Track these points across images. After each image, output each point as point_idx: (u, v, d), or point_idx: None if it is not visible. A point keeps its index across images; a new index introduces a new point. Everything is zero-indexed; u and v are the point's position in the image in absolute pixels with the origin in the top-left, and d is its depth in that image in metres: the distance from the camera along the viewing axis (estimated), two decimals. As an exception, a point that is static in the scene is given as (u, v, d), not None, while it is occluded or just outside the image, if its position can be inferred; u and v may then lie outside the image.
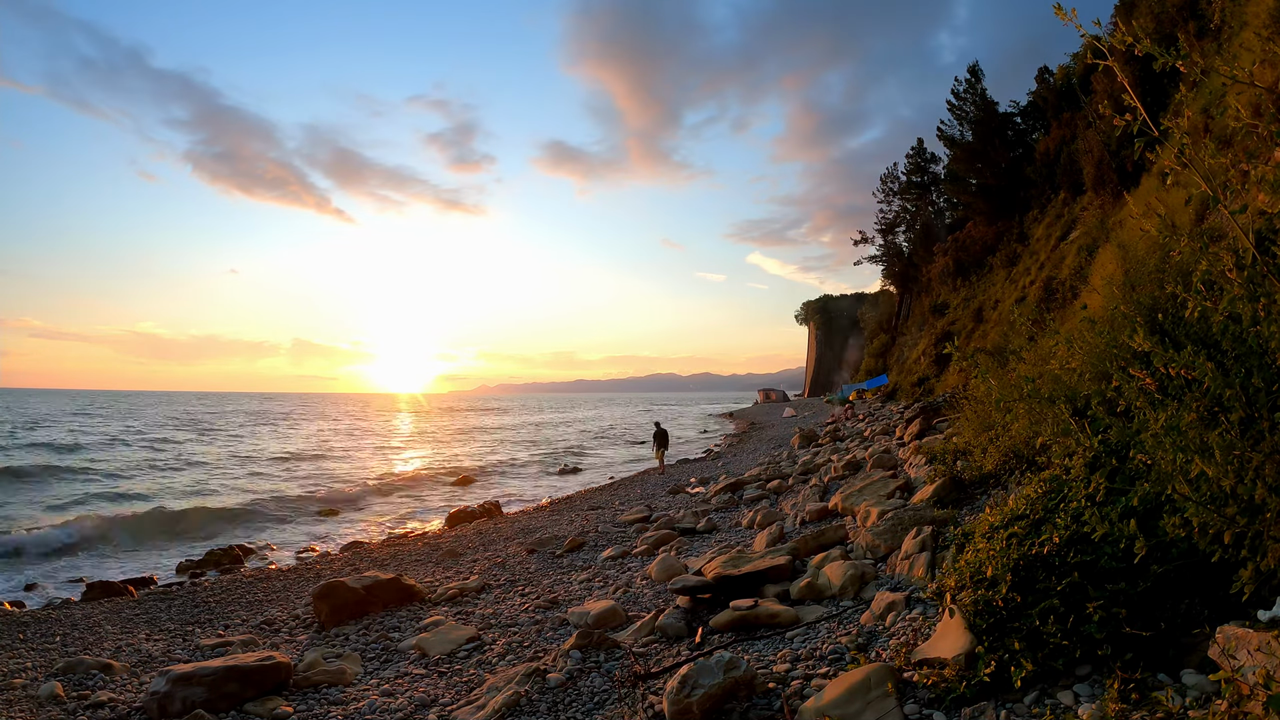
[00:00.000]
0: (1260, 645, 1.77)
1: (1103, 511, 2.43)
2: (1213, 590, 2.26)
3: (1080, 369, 3.45)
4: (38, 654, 5.73)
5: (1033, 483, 3.09)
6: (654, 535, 8.17)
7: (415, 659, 5.00)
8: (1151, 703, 2.02)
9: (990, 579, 2.62)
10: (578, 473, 21.77)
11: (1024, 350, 4.87)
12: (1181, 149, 1.91)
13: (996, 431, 5.31)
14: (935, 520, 4.85)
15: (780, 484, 10.68)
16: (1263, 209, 1.96)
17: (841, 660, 3.35)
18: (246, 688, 4.31)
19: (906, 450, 8.80)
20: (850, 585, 4.39)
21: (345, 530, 12.88)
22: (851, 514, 6.57)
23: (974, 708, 2.44)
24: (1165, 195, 6.97)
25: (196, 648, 5.78)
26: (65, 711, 4.38)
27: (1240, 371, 2.00)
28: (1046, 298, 15.42)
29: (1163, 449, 2.08)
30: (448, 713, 3.94)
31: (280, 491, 17.02)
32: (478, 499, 15.66)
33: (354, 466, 23.26)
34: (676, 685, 3.05)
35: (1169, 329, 2.76)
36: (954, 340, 3.55)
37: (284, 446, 30.16)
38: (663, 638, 4.43)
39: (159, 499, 15.59)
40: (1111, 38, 2.02)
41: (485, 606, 6.29)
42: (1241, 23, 11.19)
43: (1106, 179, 16.42)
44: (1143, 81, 13.42)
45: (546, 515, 12.22)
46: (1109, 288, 4.08)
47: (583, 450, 29.82)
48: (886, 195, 43.71)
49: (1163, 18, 15.66)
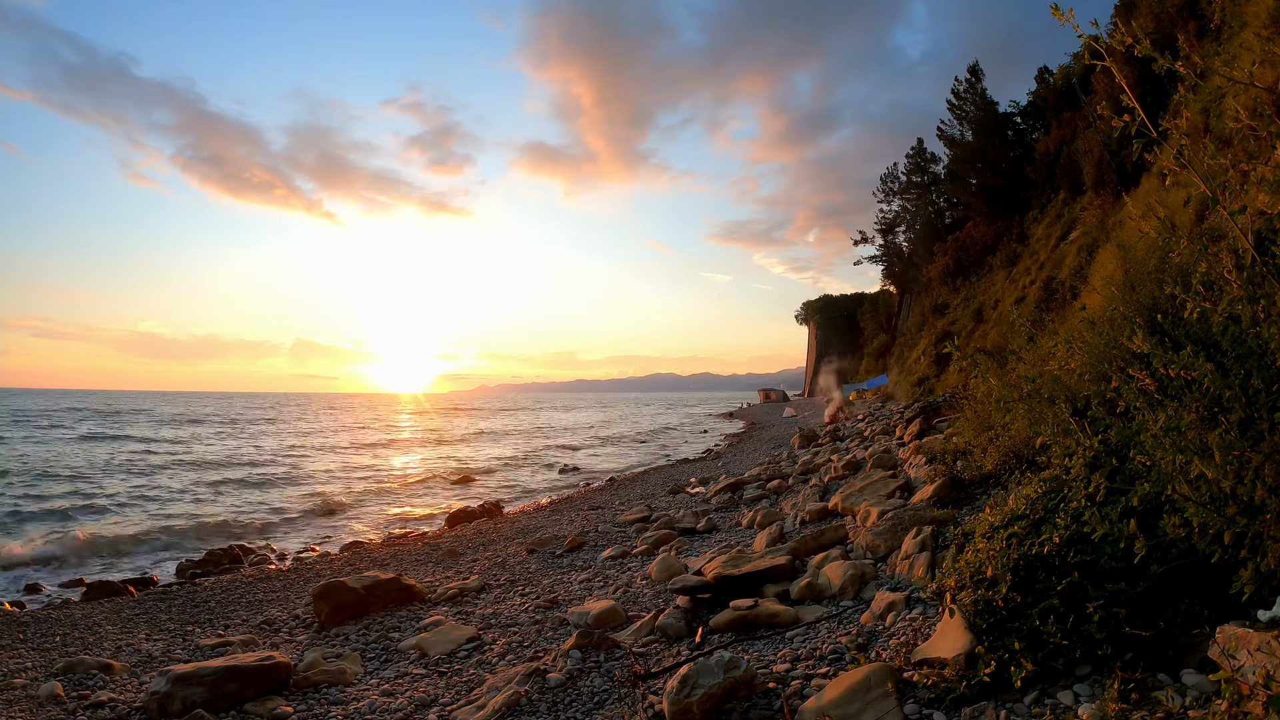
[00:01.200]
0: (1260, 645, 1.77)
1: (1103, 511, 2.43)
2: (1213, 590, 2.26)
3: (1080, 369, 3.45)
4: (38, 654, 5.73)
5: (1033, 483, 3.09)
6: (654, 535, 8.17)
7: (415, 659, 5.00)
8: (1151, 703, 2.03)
9: (990, 579, 2.62)
10: (578, 472, 21.77)
11: (1023, 350, 4.88)
12: (1180, 150, 1.92)
13: (996, 431, 5.31)
14: (935, 520, 4.85)
15: (780, 484, 10.68)
16: (1262, 209, 1.96)
17: (841, 660, 3.36)
18: (246, 688, 4.31)
19: (906, 450, 8.80)
20: (850, 585, 4.39)
21: (345, 530, 12.88)
22: (851, 514, 6.58)
23: (974, 708, 2.44)
24: (1165, 195, 6.98)
25: (196, 648, 5.78)
26: (65, 711, 4.38)
27: (1240, 372, 2.00)
28: (1046, 298, 15.42)
29: (1162, 449, 2.08)
30: (448, 712, 3.94)
31: (280, 491, 17.02)
32: (478, 499, 15.66)
33: (354, 466, 23.25)
34: (676, 685, 3.05)
35: (1169, 329, 2.76)
36: (954, 340, 3.55)
37: (283, 447, 30.15)
38: (663, 638, 4.44)
39: (151, 506, 15.58)
40: (1111, 38, 2.02)
41: (485, 606, 6.29)
42: (1241, 23, 11.19)
43: (1106, 179, 16.42)
44: (1143, 81, 13.42)
45: (546, 515, 12.22)
46: (1109, 288, 4.09)
47: (583, 450, 29.82)
48: (886, 195, 43.73)
49: (1162, 17, 15.66)
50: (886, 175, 43.34)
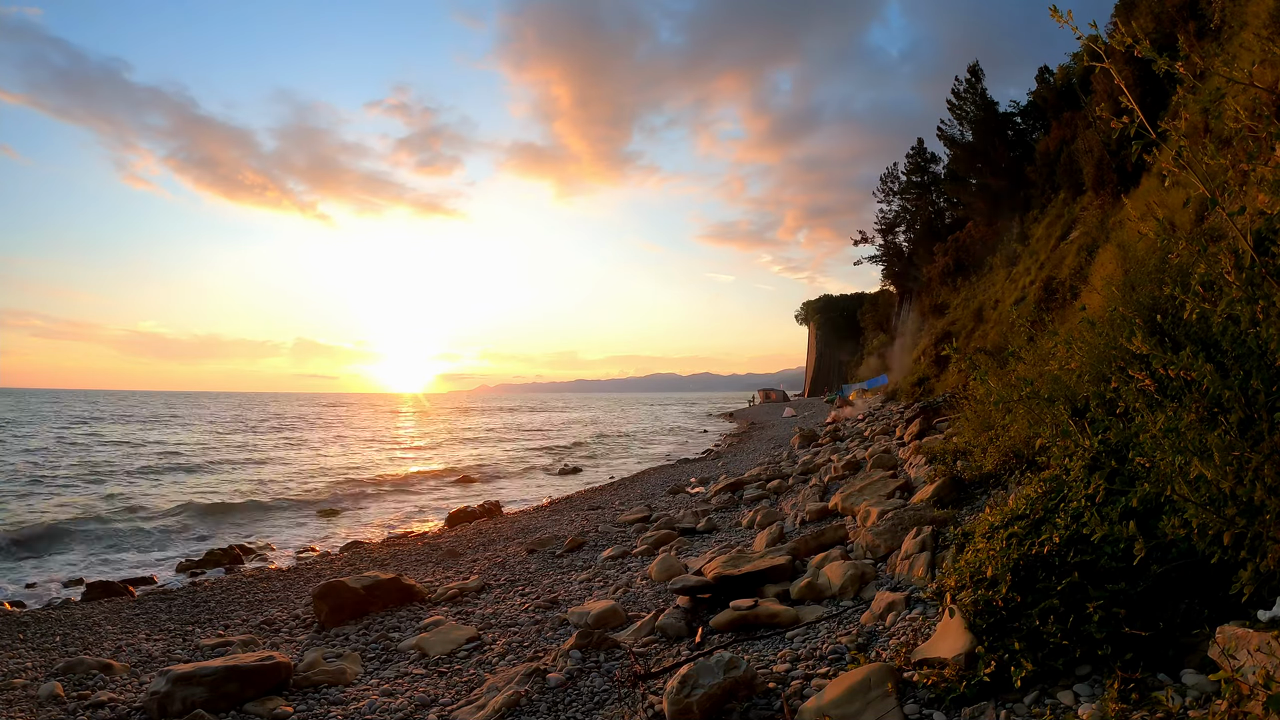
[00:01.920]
0: (1260, 645, 1.78)
1: (1102, 512, 2.44)
2: (1213, 590, 2.27)
3: (1079, 370, 3.45)
4: (38, 654, 5.73)
5: (1032, 483, 3.09)
6: (654, 535, 8.17)
7: (415, 659, 5.00)
8: (1151, 703, 2.03)
9: (990, 579, 2.62)
10: (578, 472, 21.77)
11: (1023, 350, 4.88)
12: (1179, 151, 1.92)
13: (996, 432, 5.31)
14: (935, 520, 4.85)
15: (780, 484, 10.68)
16: (1262, 209, 1.96)
17: (841, 660, 3.36)
18: (246, 687, 4.31)
19: (906, 450, 8.81)
20: (850, 585, 4.39)
21: (345, 530, 12.88)
22: (851, 514, 6.58)
23: (974, 708, 2.45)
24: (1165, 195, 6.98)
25: (196, 648, 5.78)
26: (65, 711, 4.38)
27: (1239, 373, 2.01)
28: (1046, 298, 15.42)
29: (1162, 450, 2.08)
30: (448, 713, 3.95)
31: (281, 491, 17.02)
32: (478, 499, 15.66)
33: (354, 466, 23.25)
34: (676, 685, 3.05)
35: (1169, 329, 2.76)
36: (954, 341, 3.56)
37: (284, 445, 30.16)
38: (663, 638, 4.44)
39: (151, 495, 15.58)
40: (1111, 38, 2.02)
41: (485, 606, 6.29)
42: (1241, 23, 11.19)
43: (1106, 179, 16.42)
44: (1143, 81, 13.40)
45: (546, 515, 12.22)
46: (1109, 288, 4.09)
47: (583, 450, 29.82)
48: (886, 195, 43.71)
49: (1162, 17, 15.66)
50: (886, 175, 43.34)
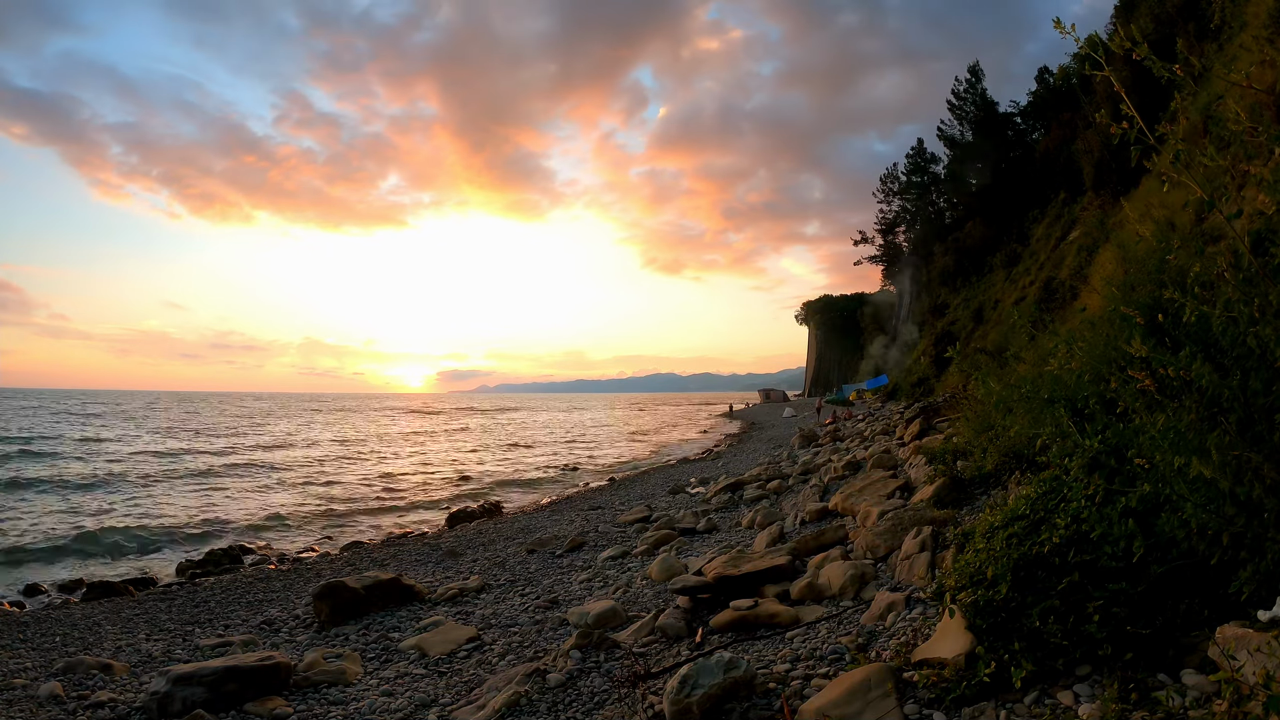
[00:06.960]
0: (1260, 645, 1.78)
1: (1102, 512, 2.44)
2: (1213, 590, 2.27)
3: (1079, 370, 3.45)
4: (38, 654, 5.73)
5: (1032, 483, 3.10)
6: (654, 535, 8.17)
7: (415, 659, 5.00)
8: (1151, 703, 2.03)
9: (990, 579, 2.62)
10: (578, 472, 21.77)
11: (1023, 351, 4.88)
12: (1178, 154, 1.92)
13: (996, 432, 5.31)
14: (935, 520, 4.85)
15: (780, 484, 10.68)
16: (1261, 209, 1.97)
17: (841, 660, 3.36)
18: (246, 688, 4.31)
19: (906, 450, 8.81)
20: (850, 585, 4.39)
21: (345, 530, 12.88)
22: (851, 514, 6.58)
23: (974, 708, 2.45)
24: (1165, 196, 6.98)
25: (196, 648, 5.78)
26: (65, 711, 4.39)
27: (1238, 373, 2.01)
28: (1046, 298, 15.43)
29: (1161, 450, 2.08)
30: (448, 713, 3.95)
31: (280, 491, 17.02)
32: (478, 499, 15.66)
33: (354, 466, 23.25)
34: (676, 685, 3.06)
35: (1168, 329, 2.76)
36: (954, 342, 3.56)
37: (284, 445, 30.15)
38: (663, 638, 4.44)
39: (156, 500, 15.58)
40: (1111, 40, 2.03)
41: (485, 606, 6.30)
42: (1241, 23, 11.20)
43: (1106, 179, 16.44)
44: (1143, 80, 13.40)
45: (546, 515, 12.23)
46: (1108, 288, 4.09)
47: (583, 450, 29.82)
48: (886, 195, 43.73)
49: (1162, 18, 15.67)
50: (886, 175, 43.35)
